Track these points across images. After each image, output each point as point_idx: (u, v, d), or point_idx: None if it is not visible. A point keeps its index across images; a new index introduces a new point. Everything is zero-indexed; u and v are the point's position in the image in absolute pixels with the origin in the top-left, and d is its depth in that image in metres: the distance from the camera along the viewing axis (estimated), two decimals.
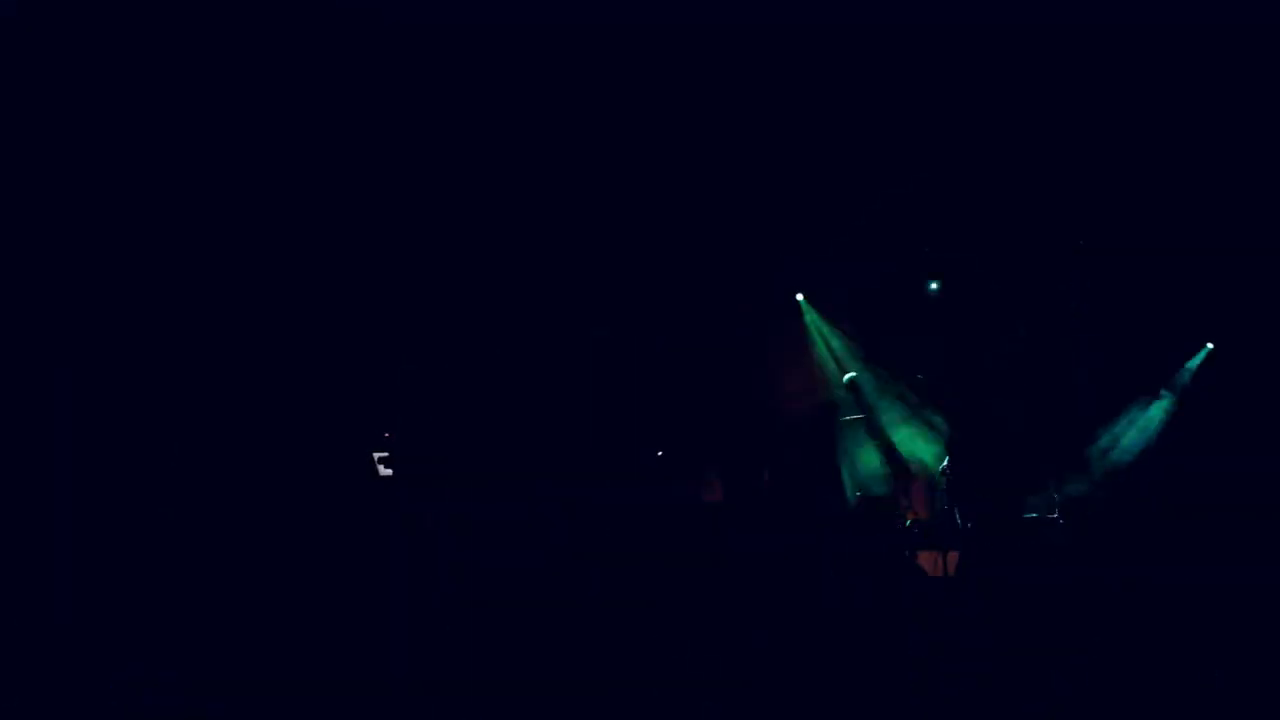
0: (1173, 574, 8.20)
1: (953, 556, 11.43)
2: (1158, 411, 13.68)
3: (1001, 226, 13.79)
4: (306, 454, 11.68)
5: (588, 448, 12.98)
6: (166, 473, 9.54)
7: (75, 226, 10.79)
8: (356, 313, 12.96)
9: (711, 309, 14.69)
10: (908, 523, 12.68)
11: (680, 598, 5.58)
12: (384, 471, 13.81)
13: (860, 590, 6.58)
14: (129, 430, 10.07)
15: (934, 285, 14.39)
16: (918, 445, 14.06)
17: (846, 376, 12.75)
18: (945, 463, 12.66)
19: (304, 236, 12.38)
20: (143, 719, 5.50)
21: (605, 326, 14.84)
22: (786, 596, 6.60)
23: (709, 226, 14.35)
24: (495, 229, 13.50)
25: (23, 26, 10.18)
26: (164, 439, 10.32)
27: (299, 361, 12.24)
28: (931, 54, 12.72)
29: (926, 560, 11.36)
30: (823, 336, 14.73)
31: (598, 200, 13.74)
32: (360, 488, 13.68)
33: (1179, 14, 11.34)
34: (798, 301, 14.72)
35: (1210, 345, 13.63)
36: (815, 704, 5.11)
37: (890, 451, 14.18)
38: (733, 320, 14.59)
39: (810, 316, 14.74)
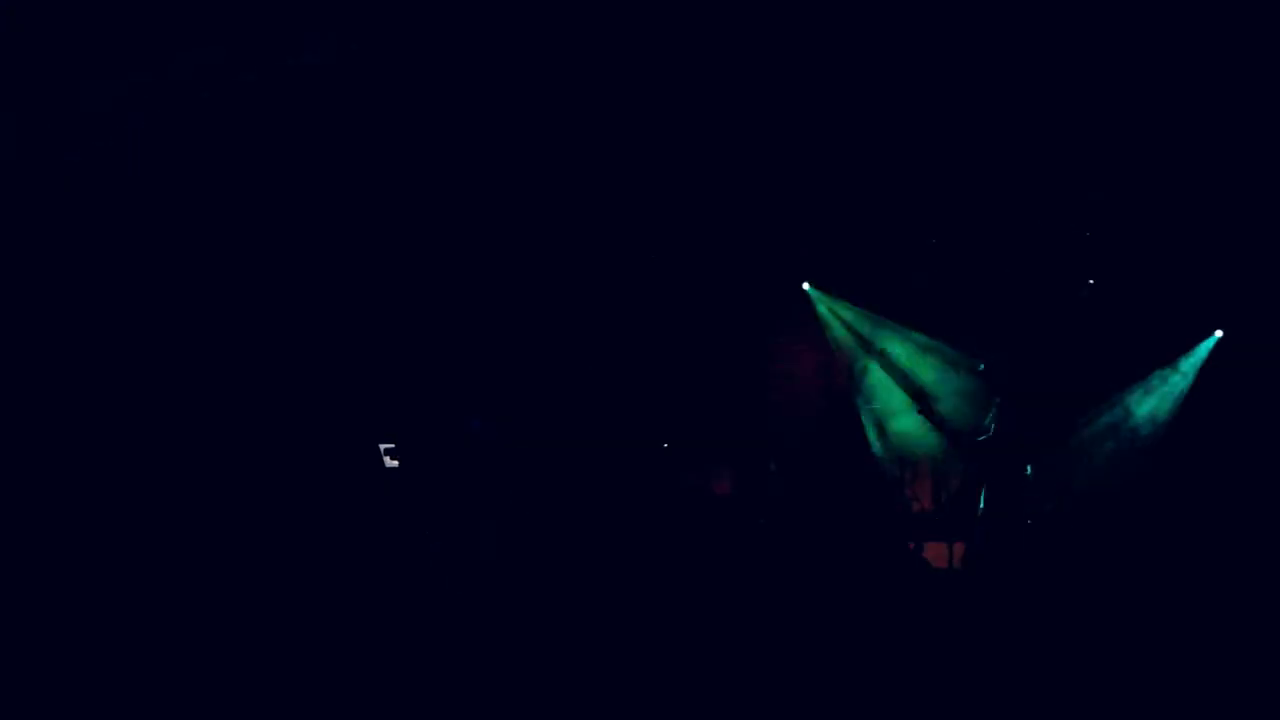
0: (1186, 568, 8.13)
1: (959, 548, 11.39)
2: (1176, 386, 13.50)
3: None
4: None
5: (593, 440, 12.95)
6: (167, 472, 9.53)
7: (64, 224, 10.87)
8: (358, 310, 12.99)
9: (718, 297, 14.62)
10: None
11: (684, 592, 5.54)
12: (390, 463, 13.81)
13: (864, 583, 6.54)
14: (129, 431, 10.11)
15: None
16: (921, 436, 13.99)
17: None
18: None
19: (302, 235, 12.42)
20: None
21: (609, 317, 14.81)
22: (791, 590, 6.56)
23: (716, 214, 14.30)
24: (499, 219, 13.47)
25: None
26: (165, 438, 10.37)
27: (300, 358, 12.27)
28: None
29: (933, 552, 11.30)
30: (839, 319, 14.60)
31: (603, 190, 13.71)
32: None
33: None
34: (805, 291, 14.63)
35: (1220, 333, 13.42)
36: (817, 701, 5.08)
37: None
38: (739, 309, 14.53)
39: (822, 305, 14.63)
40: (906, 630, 6.79)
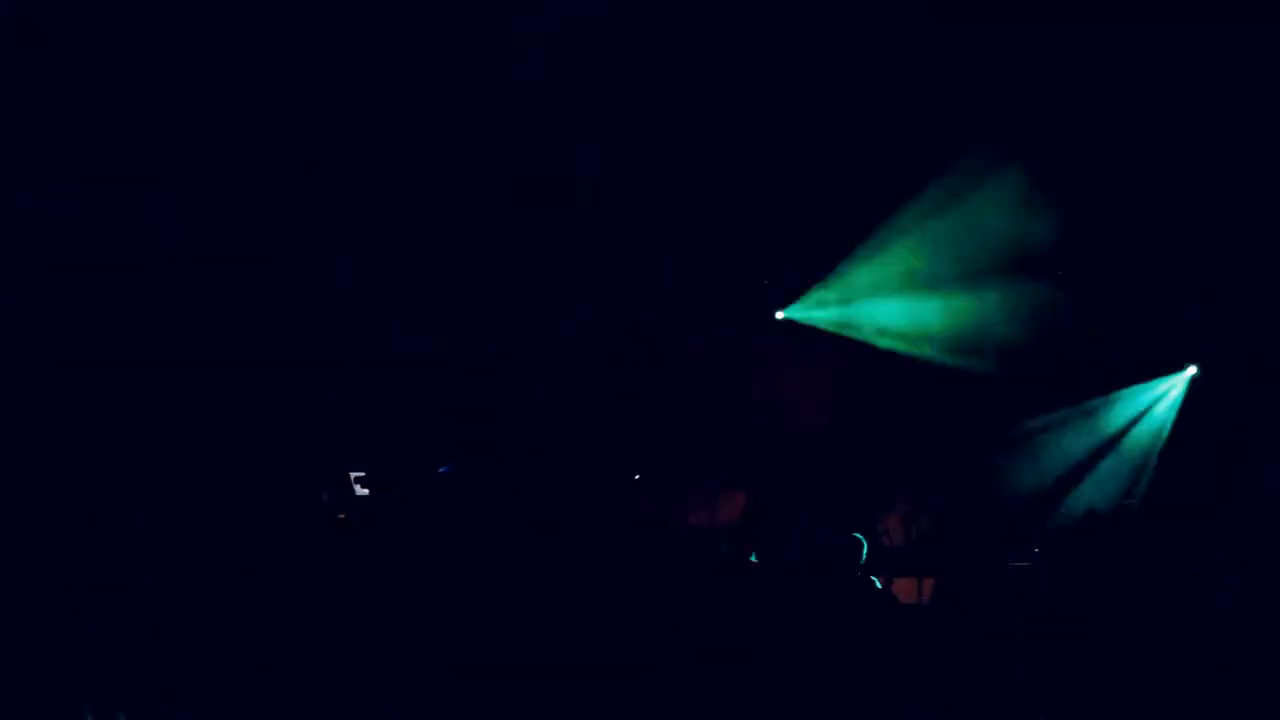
0: (1161, 598, 8.04)
1: (928, 583, 11.30)
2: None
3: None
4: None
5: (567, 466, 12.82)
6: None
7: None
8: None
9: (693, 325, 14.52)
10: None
11: (648, 625, 5.41)
12: (360, 491, 13.64)
13: (832, 618, 6.42)
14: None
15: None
16: None
17: None
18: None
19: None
20: None
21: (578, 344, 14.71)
22: (757, 623, 6.43)
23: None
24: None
25: None
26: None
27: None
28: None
29: (902, 588, 11.20)
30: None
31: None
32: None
33: None
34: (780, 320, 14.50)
35: (1194, 370, 13.13)
36: None
37: None
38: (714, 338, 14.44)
39: (799, 313, 14.46)
40: (875, 667, 6.68)
